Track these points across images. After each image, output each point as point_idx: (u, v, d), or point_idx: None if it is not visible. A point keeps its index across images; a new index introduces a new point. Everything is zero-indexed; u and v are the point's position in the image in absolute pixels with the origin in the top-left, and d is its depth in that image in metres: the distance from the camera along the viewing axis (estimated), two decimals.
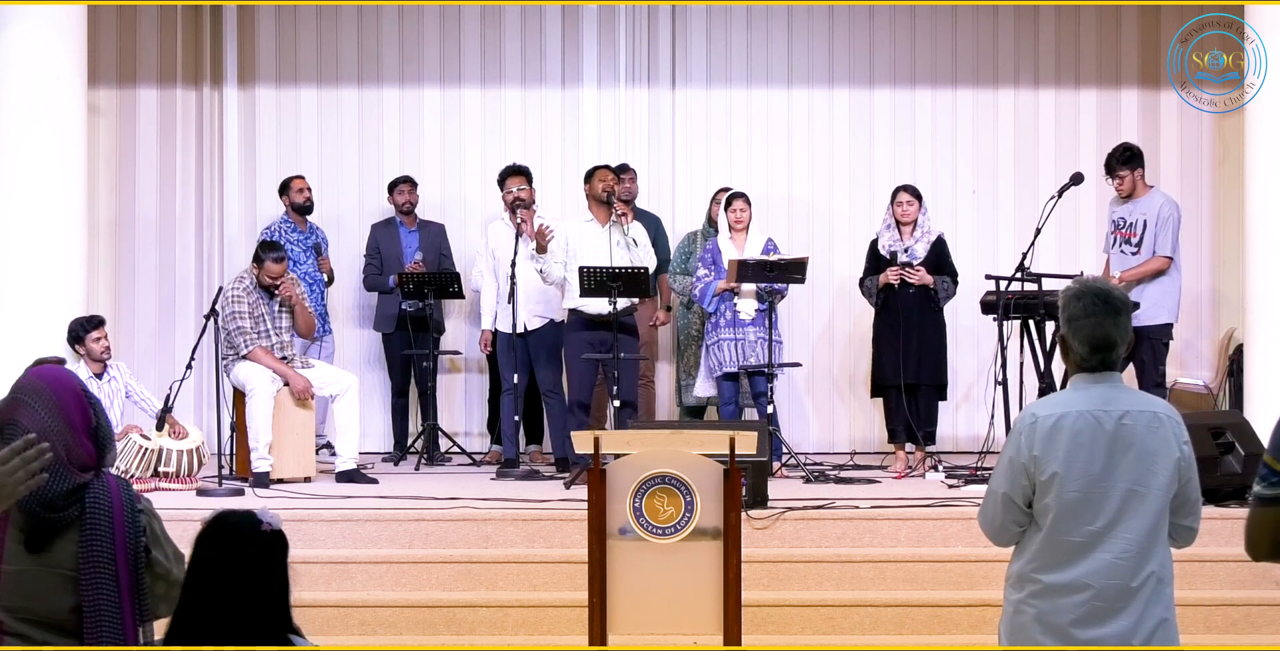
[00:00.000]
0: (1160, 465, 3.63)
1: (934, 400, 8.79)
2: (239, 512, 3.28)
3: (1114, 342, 3.70)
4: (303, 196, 9.77)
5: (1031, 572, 3.71)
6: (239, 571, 3.17)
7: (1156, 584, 3.63)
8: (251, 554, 3.19)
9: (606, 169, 8.75)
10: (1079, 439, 3.63)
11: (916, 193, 8.75)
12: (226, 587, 3.16)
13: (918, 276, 8.58)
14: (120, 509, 3.40)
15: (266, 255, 8.49)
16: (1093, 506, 3.62)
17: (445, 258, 9.96)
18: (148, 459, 8.04)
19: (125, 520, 3.40)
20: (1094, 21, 10.45)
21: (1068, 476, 3.62)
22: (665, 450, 5.27)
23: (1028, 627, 3.70)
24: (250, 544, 3.20)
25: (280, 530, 3.25)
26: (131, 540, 3.41)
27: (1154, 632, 3.62)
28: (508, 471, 8.66)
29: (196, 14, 10.47)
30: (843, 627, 6.68)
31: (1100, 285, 3.77)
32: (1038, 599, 3.69)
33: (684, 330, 9.41)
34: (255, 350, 8.43)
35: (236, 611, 3.15)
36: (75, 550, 3.37)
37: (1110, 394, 3.69)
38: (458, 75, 10.49)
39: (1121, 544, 3.61)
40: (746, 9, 10.43)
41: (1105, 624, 3.61)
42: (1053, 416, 3.67)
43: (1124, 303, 3.73)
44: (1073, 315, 3.72)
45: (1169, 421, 3.69)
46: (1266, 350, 8.40)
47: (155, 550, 3.48)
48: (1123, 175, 8.43)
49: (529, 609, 6.71)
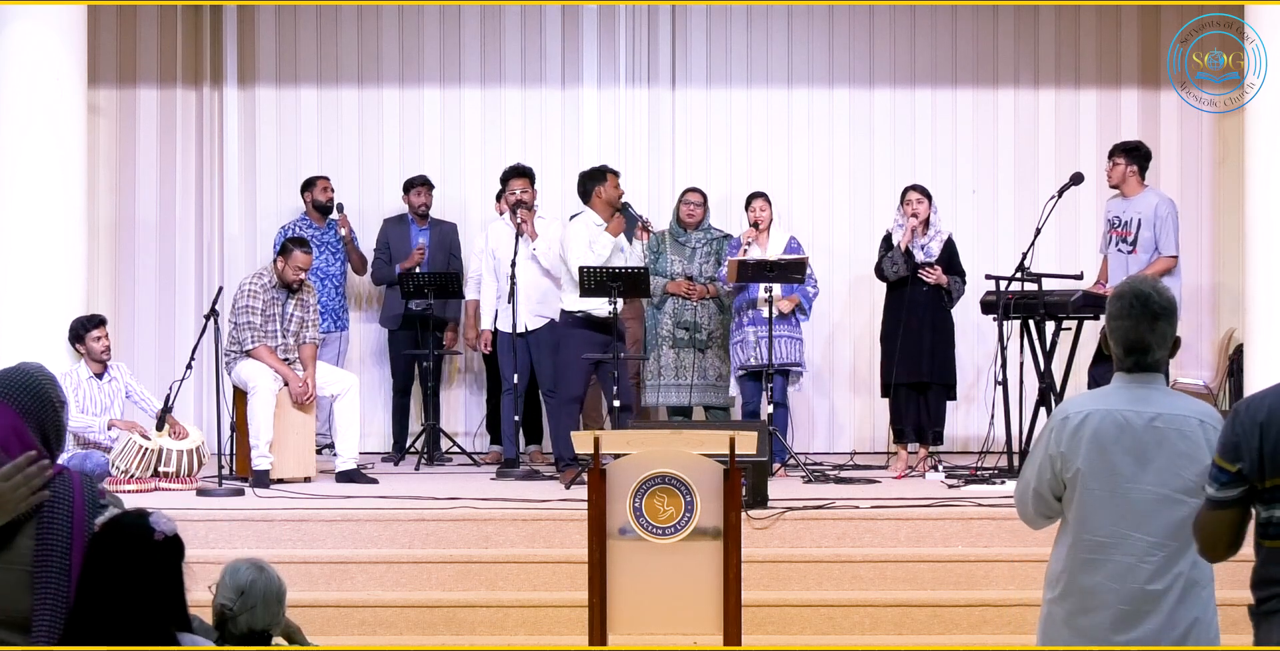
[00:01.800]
0: (1190, 469, 3.58)
1: (943, 399, 8.82)
2: (133, 515, 3.29)
3: (1148, 346, 3.65)
4: (326, 195, 9.85)
5: (1061, 573, 3.70)
6: (125, 575, 3.19)
7: (1186, 586, 3.60)
8: (140, 558, 3.20)
9: (615, 174, 8.61)
10: (1104, 438, 3.60)
11: (926, 191, 8.81)
12: (112, 590, 3.18)
13: (935, 276, 8.62)
14: (81, 505, 3.39)
15: (296, 247, 8.52)
16: (1116, 506, 3.60)
17: (454, 257, 9.97)
18: (148, 459, 8.03)
19: (85, 517, 3.39)
20: (1094, 21, 10.45)
21: (1090, 474, 3.60)
22: (665, 450, 5.27)
23: (1059, 628, 3.69)
24: (140, 549, 3.21)
25: (174, 536, 3.26)
26: (90, 537, 3.40)
27: (1187, 634, 3.59)
28: (508, 471, 8.66)
29: (196, 14, 10.47)
30: (843, 627, 6.68)
31: (1143, 287, 3.70)
32: (1066, 599, 3.67)
33: (652, 330, 9.36)
34: (259, 348, 8.43)
35: (122, 613, 3.16)
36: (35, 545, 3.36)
37: (1148, 395, 3.65)
38: (458, 75, 10.49)
39: (1145, 546, 3.59)
40: (746, 9, 10.43)
41: (1132, 627, 3.58)
42: (1082, 414, 3.64)
43: (1164, 307, 3.66)
44: (1111, 314, 3.70)
45: (1206, 428, 3.61)
46: (1266, 350, 8.40)
47: None
48: (1117, 162, 8.46)
49: (529, 609, 6.71)
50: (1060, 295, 8.28)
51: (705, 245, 9.26)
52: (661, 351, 9.21)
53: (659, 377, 9.21)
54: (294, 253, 8.49)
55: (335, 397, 8.60)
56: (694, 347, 9.19)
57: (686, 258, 9.24)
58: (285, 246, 8.60)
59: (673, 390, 9.21)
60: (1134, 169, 8.47)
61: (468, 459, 9.54)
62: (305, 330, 8.61)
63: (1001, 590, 6.83)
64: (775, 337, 8.70)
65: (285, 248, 8.58)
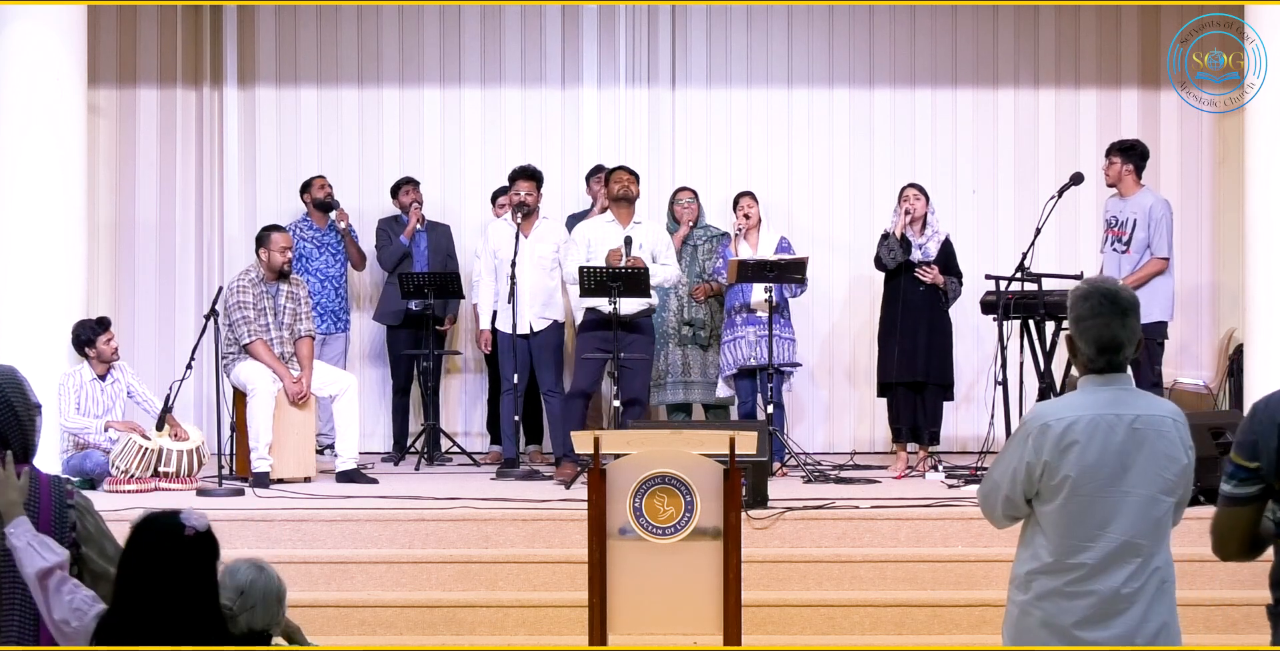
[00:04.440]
0: (1169, 469, 3.60)
1: (940, 399, 8.83)
2: (166, 514, 3.29)
3: (1121, 344, 3.64)
4: (324, 192, 9.85)
5: (1039, 574, 3.68)
6: (157, 571, 3.18)
7: (1160, 584, 3.61)
8: (171, 554, 3.20)
9: (622, 170, 8.74)
10: (1092, 445, 3.58)
11: (923, 190, 8.86)
12: (146, 586, 3.17)
13: (931, 276, 8.63)
14: (47, 505, 3.40)
15: (270, 231, 8.58)
16: (1101, 510, 3.58)
17: (451, 259, 9.97)
18: (148, 459, 8.03)
19: (51, 516, 3.39)
20: (1094, 21, 10.45)
21: (1080, 481, 3.58)
22: (665, 450, 5.27)
23: (1033, 630, 3.68)
24: (172, 545, 3.21)
25: (206, 532, 3.26)
26: (57, 536, 3.40)
27: (1156, 635, 3.59)
28: (508, 471, 8.67)
29: (196, 14, 10.47)
30: (843, 627, 6.68)
31: (1108, 286, 3.71)
32: (1045, 601, 3.66)
33: (657, 328, 9.36)
34: (256, 343, 8.43)
35: (157, 608, 3.16)
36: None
37: (1121, 397, 3.64)
38: (458, 75, 10.49)
39: (1129, 547, 3.59)
40: (746, 9, 10.43)
41: (1109, 625, 3.59)
42: (1065, 421, 3.61)
43: (1132, 303, 3.66)
44: (1079, 316, 3.68)
45: (1179, 425, 3.64)
46: (1266, 350, 8.40)
47: (88, 547, 3.48)
48: (1113, 160, 8.46)
49: (529, 609, 6.71)
50: (1060, 295, 8.27)
51: (706, 243, 9.28)
52: (668, 350, 9.24)
53: (666, 376, 9.24)
54: (270, 236, 8.56)
55: (334, 398, 8.60)
56: (698, 345, 9.22)
57: (688, 256, 9.27)
58: (259, 237, 8.65)
59: (680, 388, 9.25)
60: (1130, 168, 8.47)
61: (468, 459, 9.54)
62: (299, 322, 8.61)
63: (1001, 590, 6.69)
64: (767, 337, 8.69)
65: (260, 237, 8.64)
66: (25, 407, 3.50)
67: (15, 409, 3.46)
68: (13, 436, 3.46)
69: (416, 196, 9.90)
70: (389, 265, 9.85)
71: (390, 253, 9.82)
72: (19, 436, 3.47)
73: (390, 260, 9.83)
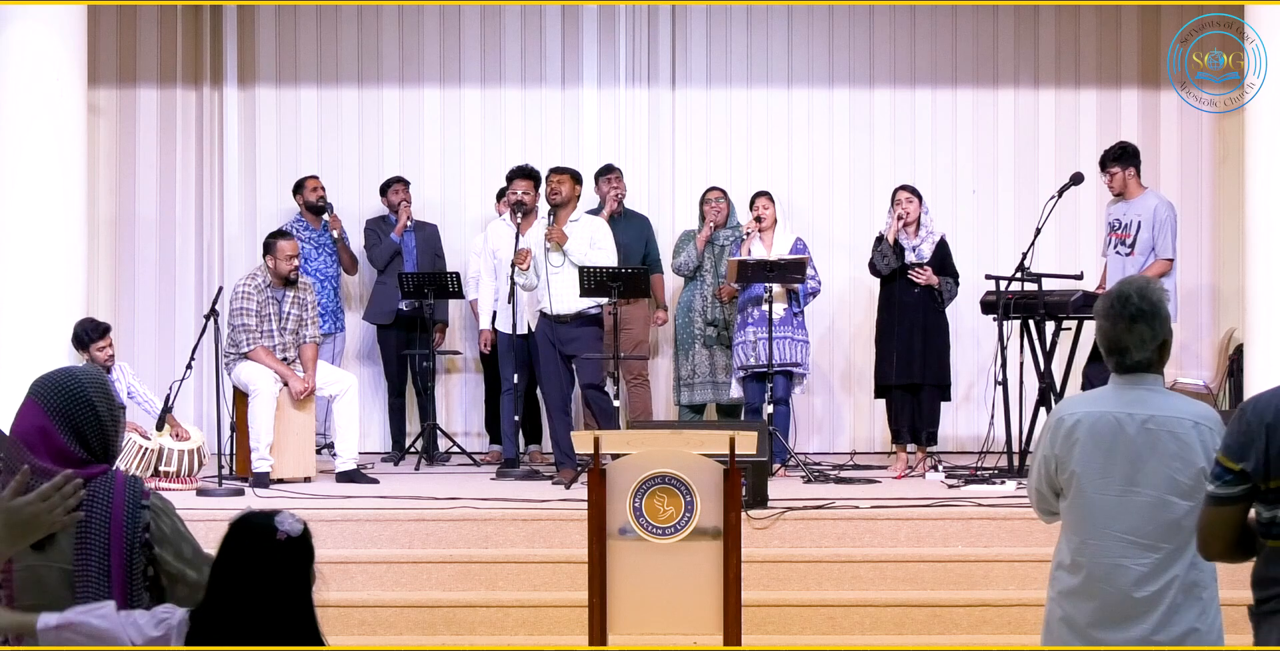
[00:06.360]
0: (1183, 472, 3.57)
1: (937, 400, 8.82)
2: (261, 514, 3.27)
3: (1125, 347, 3.63)
4: (316, 195, 9.84)
5: (1060, 570, 3.71)
6: (249, 575, 3.17)
7: (1183, 588, 3.58)
8: (262, 558, 3.18)
9: (554, 172, 8.70)
10: (1096, 440, 3.59)
11: (916, 191, 8.82)
12: (237, 589, 3.17)
13: (925, 277, 8.63)
14: (120, 505, 3.40)
15: (278, 239, 8.55)
16: (1109, 509, 3.58)
17: (440, 258, 9.98)
18: (148, 459, 8.04)
19: (124, 516, 3.40)
20: (1094, 21, 10.45)
21: (1084, 477, 3.60)
22: (665, 450, 5.27)
23: (1056, 626, 3.70)
24: (263, 548, 3.19)
25: (299, 537, 3.23)
26: (129, 537, 3.40)
27: (1181, 641, 3.56)
28: (508, 471, 8.67)
29: (196, 14, 10.47)
30: (843, 627, 6.68)
31: (1126, 289, 3.67)
32: (1064, 598, 3.68)
33: (684, 329, 9.41)
34: (257, 349, 8.43)
35: (247, 612, 3.15)
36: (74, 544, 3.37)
37: (1142, 396, 3.62)
38: (458, 75, 10.49)
39: (1137, 549, 3.58)
40: (746, 9, 10.43)
41: (1125, 628, 3.57)
42: (1075, 416, 3.63)
43: (1142, 309, 3.61)
44: (1096, 314, 3.71)
45: (1201, 429, 3.59)
46: (1266, 350, 8.40)
47: (162, 549, 3.47)
48: (1114, 171, 8.44)
49: (529, 609, 6.71)
50: (1060, 295, 8.29)
51: (734, 243, 9.28)
52: (694, 350, 9.27)
53: (694, 377, 9.27)
54: (277, 244, 8.53)
55: (334, 398, 8.60)
56: (721, 345, 9.25)
57: (713, 256, 9.28)
58: (267, 243, 8.64)
59: (709, 388, 9.28)
60: (1131, 172, 8.46)
61: (467, 459, 9.54)
62: (304, 329, 8.61)
63: (1001, 590, 6.83)
64: (778, 338, 8.70)
65: (267, 244, 8.62)
66: (109, 408, 3.49)
67: (97, 409, 3.45)
68: (93, 437, 3.45)
69: (406, 195, 9.91)
70: (381, 263, 9.86)
71: (381, 251, 9.83)
72: (99, 437, 3.47)
73: (382, 258, 9.83)
